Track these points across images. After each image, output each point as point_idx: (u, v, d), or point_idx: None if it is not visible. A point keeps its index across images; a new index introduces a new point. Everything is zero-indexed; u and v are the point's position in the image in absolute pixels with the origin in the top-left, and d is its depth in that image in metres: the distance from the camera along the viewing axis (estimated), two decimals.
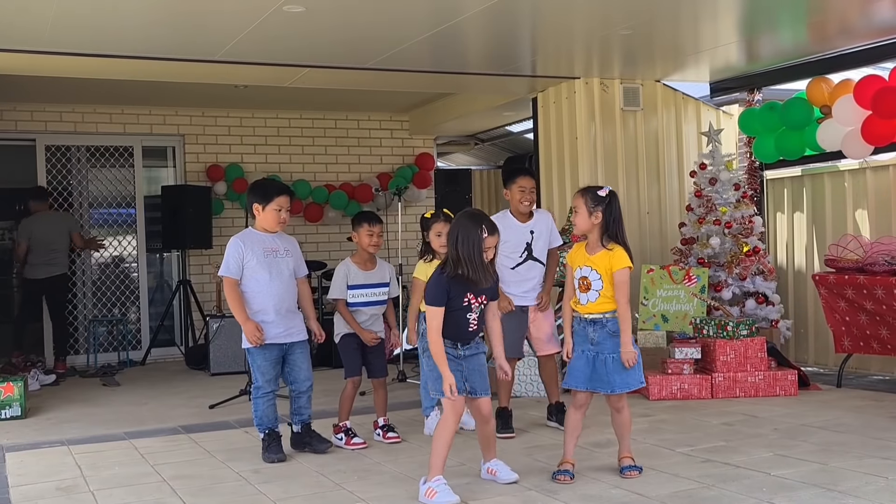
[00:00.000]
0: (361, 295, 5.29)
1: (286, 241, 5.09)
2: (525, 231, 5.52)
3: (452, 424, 4.09)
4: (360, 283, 5.29)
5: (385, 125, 10.75)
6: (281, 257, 4.99)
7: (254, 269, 4.90)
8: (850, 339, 6.59)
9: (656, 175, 8.12)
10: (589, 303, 4.29)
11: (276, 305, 4.93)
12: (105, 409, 6.79)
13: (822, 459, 4.51)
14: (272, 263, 4.95)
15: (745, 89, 8.00)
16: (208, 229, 9.37)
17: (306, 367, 5.04)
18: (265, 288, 4.91)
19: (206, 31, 5.99)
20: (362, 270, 5.32)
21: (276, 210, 4.97)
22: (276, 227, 5.02)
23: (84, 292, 9.57)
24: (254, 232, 5.03)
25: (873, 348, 6.48)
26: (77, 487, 4.50)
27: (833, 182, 7.48)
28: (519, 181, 5.52)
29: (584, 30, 6.43)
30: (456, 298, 4.08)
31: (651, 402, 6.26)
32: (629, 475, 4.28)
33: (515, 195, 5.51)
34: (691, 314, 7.03)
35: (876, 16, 6.12)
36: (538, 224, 5.54)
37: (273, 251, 4.98)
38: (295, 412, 5.09)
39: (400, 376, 7.40)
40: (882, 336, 6.34)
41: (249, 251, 4.91)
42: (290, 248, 5.09)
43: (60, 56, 6.39)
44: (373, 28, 6.06)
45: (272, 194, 4.98)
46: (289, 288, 5.02)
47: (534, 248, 5.50)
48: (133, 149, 9.69)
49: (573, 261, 4.39)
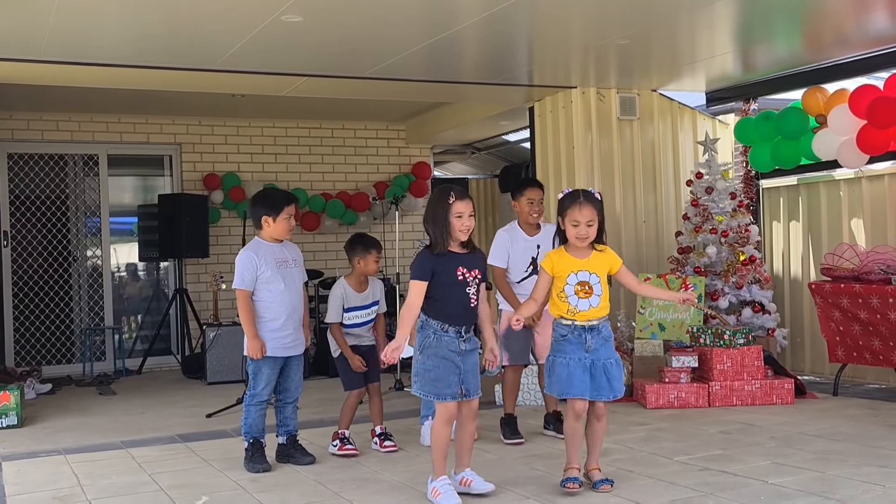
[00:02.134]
0: (356, 317, 5.32)
1: (293, 251, 5.12)
2: (532, 245, 5.52)
3: (447, 424, 4.10)
4: (356, 305, 5.31)
5: (382, 134, 10.77)
6: (291, 267, 5.03)
7: (268, 279, 4.92)
8: (843, 350, 6.61)
9: (653, 184, 8.14)
10: (591, 308, 4.22)
11: (289, 315, 4.96)
12: (101, 417, 6.78)
13: (819, 468, 4.52)
14: (285, 274, 4.98)
15: (741, 99, 8.03)
16: (205, 238, 9.37)
17: (299, 377, 5.09)
18: (279, 297, 4.93)
19: (203, 40, 6.00)
20: (358, 293, 5.33)
21: (287, 219, 5.01)
22: (287, 236, 5.07)
23: (79, 301, 9.56)
24: (263, 243, 5.03)
25: (866, 359, 6.50)
26: (74, 497, 4.49)
27: (828, 191, 7.51)
28: (528, 193, 5.51)
29: (581, 39, 6.45)
30: (447, 273, 4.08)
31: (648, 410, 6.26)
32: (604, 489, 4.20)
33: (524, 207, 5.51)
34: (688, 323, 7.05)
35: (871, 26, 6.16)
36: (545, 238, 5.50)
37: (284, 261, 5.00)
38: (281, 423, 5.09)
39: (397, 385, 7.40)
40: (874, 347, 6.36)
41: (263, 262, 4.92)
42: (297, 257, 5.14)
43: (58, 65, 6.41)
44: (370, 38, 6.08)
45: (282, 204, 5.01)
46: (299, 298, 5.06)
47: (539, 262, 5.49)
48: (98, 157, 9.60)
49: (562, 267, 4.26)
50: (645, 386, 6.38)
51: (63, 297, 9.45)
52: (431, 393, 4.09)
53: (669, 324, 7.13)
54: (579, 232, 4.22)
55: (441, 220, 4.09)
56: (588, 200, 4.23)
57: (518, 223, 5.58)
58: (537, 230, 5.55)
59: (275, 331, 4.90)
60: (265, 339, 4.87)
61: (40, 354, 9.25)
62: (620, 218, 7.94)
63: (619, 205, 7.93)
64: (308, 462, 4.97)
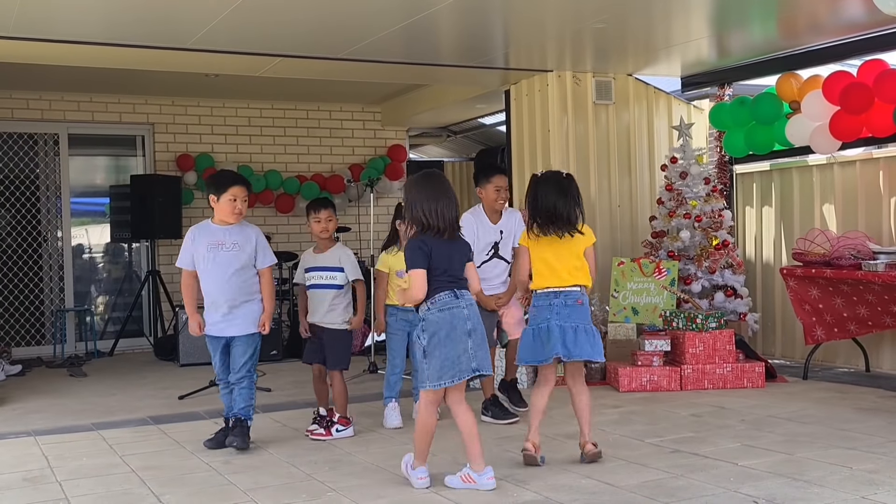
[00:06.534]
0: (312, 277, 5.36)
1: (238, 235, 4.99)
2: (495, 231, 5.56)
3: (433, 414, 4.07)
4: (311, 265, 5.38)
5: (357, 116, 10.72)
6: (226, 251, 4.95)
7: (199, 260, 4.97)
8: (822, 328, 6.66)
9: (628, 168, 8.16)
10: None
11: (216, 299, 4.95)
12: (72, 399, 6.72)
13: (788, 450, 4.57)
14: (215, 257, 4.94)
15: (716, 84, 8.06)
16: (178, 219, 9.28)
17: (241, 361, 4.97)
18: (207, 278, 4.97)
19: (177, 18, 5.92)
20: (314, 254, 5.42)
21: (231, 200, 4.95)
22: (232, 219, 4.98)
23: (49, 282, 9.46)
24: (209, 225, 5.06)
25: (850, 331, 6.58)
26: (44, 478, 4.45)
27: (801, 177, 7.56)
28: (495, 180, 5.53)
29: (557, 23, 6.44)
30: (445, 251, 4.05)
31: (621, 393, 6.30)
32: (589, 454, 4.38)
33: (491, 194, 5.52)
34: (661, 307, 7.09)
35: (844, 13, 6.19)
36: (508, 223, 5.57)
37: (219, 244, 4.95)
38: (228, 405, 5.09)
39: (371, 367, 7.40)
40: (860, 315, 6.43)
41: (199, 243, 4.97)
42: (241, 241, 4.99)
43: (28, 42, 6.29)
44: (346, 18, 6.02)
45: (226, 185, 4.98)
46: (231, 282, 4.93)
47: (501, 246, 5.53)
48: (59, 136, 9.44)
49: None
50: (618, 369, 6.42)
51: (33, 277, 9.33)
52: (443, 378, 3.98)
53: (643, 307, 7.16)
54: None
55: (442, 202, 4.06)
56: None
57: (482, 208, 5.59)
58: (499, 217, 5.58)
59: (206, 311, 4.99)
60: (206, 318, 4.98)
61: (9, 335, 9.14)
62: (595, 202, 7.95)
63: (593, 189, 7.95)
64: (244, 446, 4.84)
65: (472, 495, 3.94)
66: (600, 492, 3.95)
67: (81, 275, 9.70)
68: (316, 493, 4.07)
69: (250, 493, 4.08)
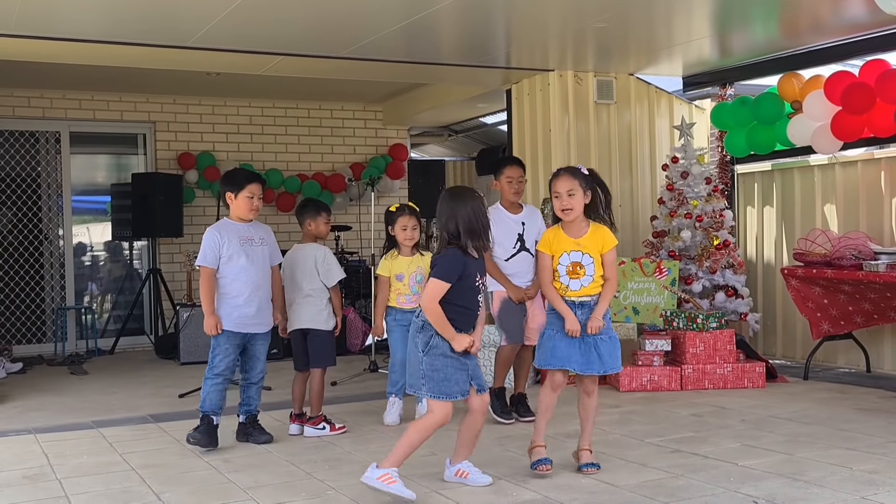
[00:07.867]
0: None
1: (261, 230, 5.14)
2: (517, 222, 5.53)
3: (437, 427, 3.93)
4: None
5: (359, 115, 10.71)
6: (256, 245, 5.05)
7: (231, 256, 4.95)
8: (828, 322, 6.66)
9: (629, 168, 8.16)
10: (583, 288, 4.24)
11: (252, 292, 4.98)
12: (73, 397, 6.72)
13: (788, 450, 4.57)
14: (249, 251, 5.00)
15: (718, 84, 8.05)
16: (179, 218, 9.29)
17: (264, 359, 5.12)
18: (242, 274, 4.95)
19: (178, 16, 5.92)
20: None
21: (249, 198, 5.01)
22: (250, 215, 5.07)
23: (50, 280, 9.46)
24: (229, 222, 5.08)
25: (857, 323, 6.60)
26: (44, 476, 4.46)
27: (802, 177, 7.56)
28: (507, 171, 5.54)
29: (559, 22, 6.43)
30: (470, 277, 3.94)
31: (621, 393, 6.30)
32: (588, 472, 4.21)
33: (504, 185, 5.54)
34: (662, 306, 7.08)
35: (846, 13, 6.18)
36: (528, 218, 5.56)
37: (249, 239, 5.03)
38: (244, 402, 5.12)
39: (371, 366, 7.39)
40: (865, 309, 6.45)
41: (226, 240, 4.96)
42: (265, 236, 5.16)
43: (29, 40, 6.29)
44: (347, 16, 6.02)
45: (243, 182, 5.04)
46: (265, 276, 5.08)
47: (526, 239, 5.50)
48: (60, 134, 9.43)
49: (558, 246, 4.27)
50: None
51: (34, 275, 9.34)
52: (442, 393, 3.90)
53: (643, 307, 7.16)
54: (562, 204, 4.23)
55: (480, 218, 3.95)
56: (567, 172, 4.27)
57: (500, 203, 5.59)
58: (520, 209, 5.57)
59: (237, 307, 4.94)
60: (226, 314, 4.92)
61: (10, 333, 9.14)
62: None
63: None
64: (265, 441, 5.01)
65: (472, 495, 3.94)
66: (600, 491, 3.95)
67: (82, 273, 9.71)
68: (315, 491, 4.07)
69: (250, 492, 4.08)
